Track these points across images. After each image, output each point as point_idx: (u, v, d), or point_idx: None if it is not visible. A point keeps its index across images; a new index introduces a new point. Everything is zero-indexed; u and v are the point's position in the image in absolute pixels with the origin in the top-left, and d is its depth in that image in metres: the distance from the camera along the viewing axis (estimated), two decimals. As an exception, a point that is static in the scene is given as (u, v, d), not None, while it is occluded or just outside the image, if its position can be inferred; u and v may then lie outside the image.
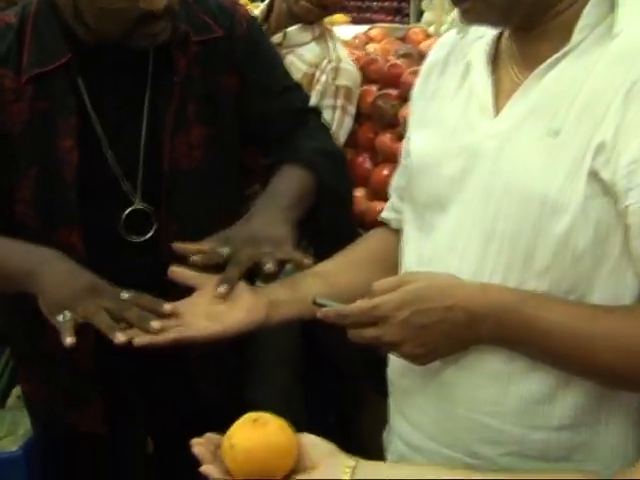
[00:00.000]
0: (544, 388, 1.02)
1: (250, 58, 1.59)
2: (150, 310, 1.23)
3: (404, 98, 2.14)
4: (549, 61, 1.01)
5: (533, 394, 1.02)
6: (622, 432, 1.03)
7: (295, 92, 1.69)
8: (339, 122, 2.17)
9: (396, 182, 1.34)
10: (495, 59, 1.12)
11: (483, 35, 1.14)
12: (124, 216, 1.48)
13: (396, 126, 2.13)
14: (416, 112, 1.25)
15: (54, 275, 1.32)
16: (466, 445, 1.07)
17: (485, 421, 1.05)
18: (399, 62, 2.22)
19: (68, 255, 1.38)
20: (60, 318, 1.24)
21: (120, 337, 1.19)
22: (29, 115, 1.41)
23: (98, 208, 1.46)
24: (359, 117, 2.30)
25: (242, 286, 1.23)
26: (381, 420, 1.26)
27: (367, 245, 1.35)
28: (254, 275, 1.33)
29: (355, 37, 2.82)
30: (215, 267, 1.25)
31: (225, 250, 1.25)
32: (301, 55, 2.16)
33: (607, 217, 0.95)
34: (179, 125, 1.48)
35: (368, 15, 5.34)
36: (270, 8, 2.27)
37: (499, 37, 1.12)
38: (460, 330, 1.01)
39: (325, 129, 1.72)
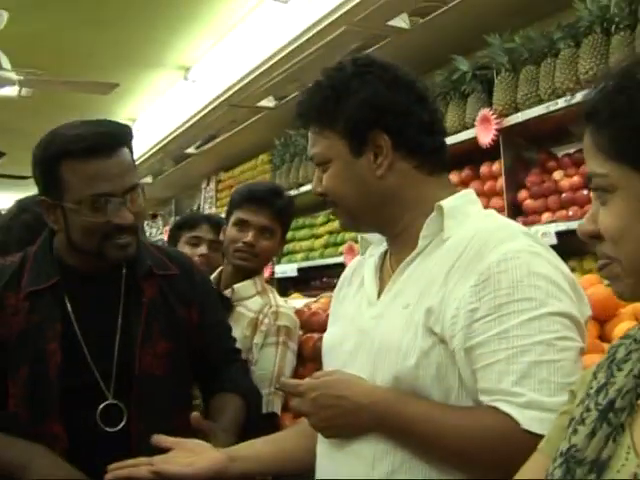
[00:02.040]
0: None
1: (206, 297, 2.05)
2: None
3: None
4: (407, 260, 1.46)
5: None
6: None
7: (231, 332, 2.19)
8: (282, 356, 2.53)
9: None
10: (383, 264, 1.58)
11: (375, 254, 1.61)
12: (100, 410, 1.78)
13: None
14: (331, 314, 1.70)
15: (39, 470, 1.68)
16: None
17: None
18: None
19: (53, 443, 1.74)
20: None
21: None
22: (24, 325, 1.78)
23: (78, 402, 1.78)
24: (303, 360, 2.67)
25: (208, 446, 1.62)
26: None
27: None
28: None
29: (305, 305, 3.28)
30: None
31: None
32: (247, 305, 2.58)
33: (444, 360, 1.34)
34: (147, 338, 1.86)
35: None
36: (220, 274, 2.72)
37: (387, 252, 1.59)
38: (348, 415, 1.37)
39: (247, 368, 2.25)
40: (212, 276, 2.72)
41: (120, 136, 1.81)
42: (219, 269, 2.76)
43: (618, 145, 0.96)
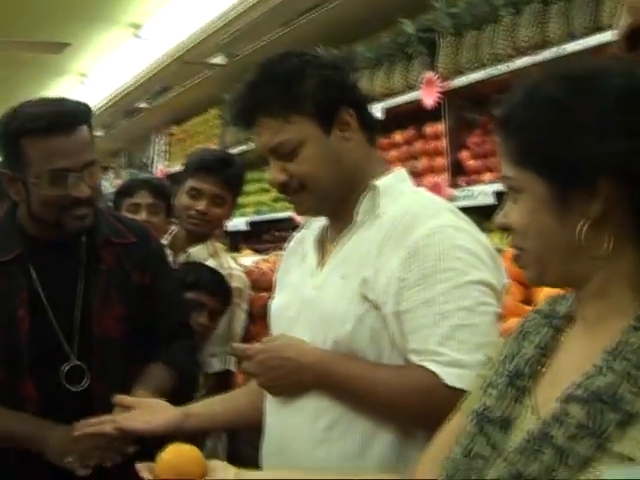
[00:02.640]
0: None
1: (159, 265, 2.17)
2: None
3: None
4: (345, 234, 1.62)
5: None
6: None
7: (184, 307, 2.28)
8: (233, 315, 2.67)
9: None
10: (324, 238, 1.72)
11: (316, 228, 1.75)
12: (65, 371, 1.91)
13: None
14: (278, 283, 1.84)
15: (51, 436, 1.86)
16: None
17: None
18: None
19: (26, 403, 1.93)
20: (69, 459, 1.79)
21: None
22: None
23: (45, 365, 1.90)
24: (254, 318, 2.82)
25: (166, 404, 1.77)
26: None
27: None
28: None
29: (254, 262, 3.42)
30: None
31: None
32: None
33: (377, 324, 1.51)
34: (104, 304, 1.99)
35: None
36: (174, 237, 2.85)
37: (327, 227, 1.73)
38: (292, 374, 1.55)
39: (193, 349, 2.31)
40: (166, 239, 2.85)
41: (79, 114, 1.92)
42: (172, 232, 2.88)
43: (523, 154, 1.08)
